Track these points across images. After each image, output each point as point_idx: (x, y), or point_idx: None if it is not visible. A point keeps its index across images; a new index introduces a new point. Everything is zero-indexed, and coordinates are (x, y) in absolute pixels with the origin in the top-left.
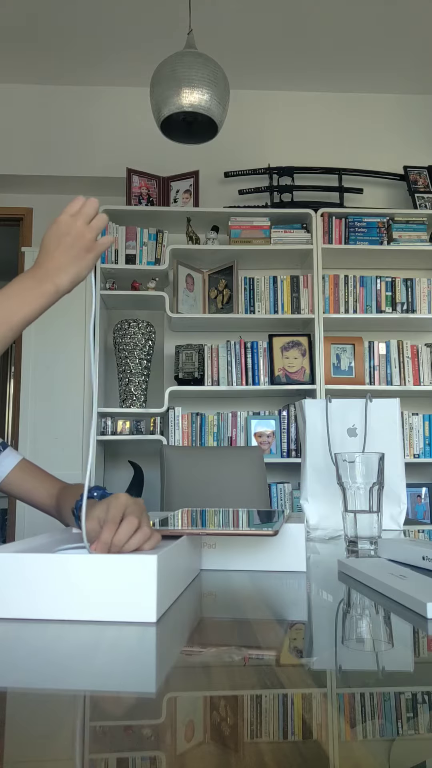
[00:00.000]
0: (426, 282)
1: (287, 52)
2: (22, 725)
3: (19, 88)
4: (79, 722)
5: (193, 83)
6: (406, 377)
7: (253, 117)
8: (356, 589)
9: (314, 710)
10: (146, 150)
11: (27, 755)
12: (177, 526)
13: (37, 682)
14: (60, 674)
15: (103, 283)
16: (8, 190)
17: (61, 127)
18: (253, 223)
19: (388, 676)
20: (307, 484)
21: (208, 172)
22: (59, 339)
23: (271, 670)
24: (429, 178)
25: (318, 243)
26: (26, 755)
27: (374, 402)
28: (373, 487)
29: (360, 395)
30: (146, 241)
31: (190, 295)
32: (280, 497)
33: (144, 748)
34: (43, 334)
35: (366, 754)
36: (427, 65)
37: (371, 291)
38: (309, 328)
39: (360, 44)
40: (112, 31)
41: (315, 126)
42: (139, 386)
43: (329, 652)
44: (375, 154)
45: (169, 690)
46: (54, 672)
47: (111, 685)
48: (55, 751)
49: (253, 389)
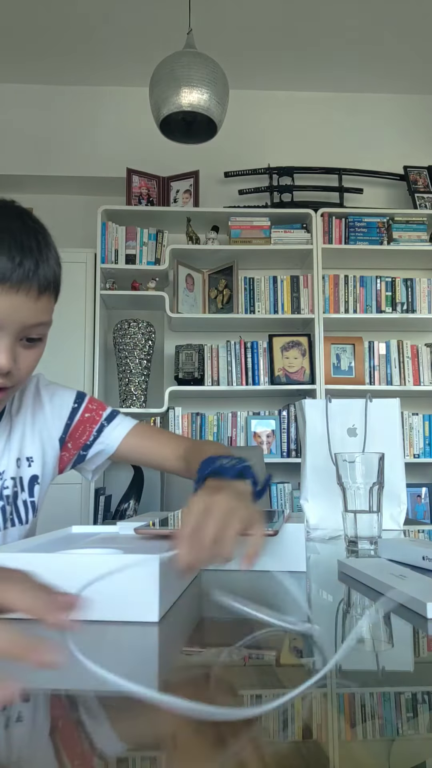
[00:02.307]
0: (426, 282)
1: (287, 52)
2: (21, 725)
3: (19, 88)
4: (79, 722)
5: (192, 83)
6: (406, 377)
7: (253, 117)
8: (356, 589)
9: (314, 710)
10: (146, 150)
11: (28, 754)
12: (177, 526)
13: (37, 682)
14: (61, 673)
15: (103, 283)
16: (8, 190)
17: (61, 127)
18: (253, 223)
19: (388, 676)
20: (307, 484)
21: (208, 172)
22: (59, 339)
23: (271, 670)
24: (429, 178)
25: (318, 243)
26: (27, 754)
27: (374, 402)
28: (373, 487)
29: (360, 395)
30: (146, 241)
31: (190, 295)
32: (280, 497)
33: (144, 748)
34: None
35: (366, 754)
36: (427, 65)
37: (371, 291)
38: (309, 328)
39: (360, 44)
40: (112, 31)
41: (315, 126)
42: (139, 386)
43: (329, 652)
44: (375, 154)
45: (171, 689)
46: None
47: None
48: (56, 750)
49: (253, 389)
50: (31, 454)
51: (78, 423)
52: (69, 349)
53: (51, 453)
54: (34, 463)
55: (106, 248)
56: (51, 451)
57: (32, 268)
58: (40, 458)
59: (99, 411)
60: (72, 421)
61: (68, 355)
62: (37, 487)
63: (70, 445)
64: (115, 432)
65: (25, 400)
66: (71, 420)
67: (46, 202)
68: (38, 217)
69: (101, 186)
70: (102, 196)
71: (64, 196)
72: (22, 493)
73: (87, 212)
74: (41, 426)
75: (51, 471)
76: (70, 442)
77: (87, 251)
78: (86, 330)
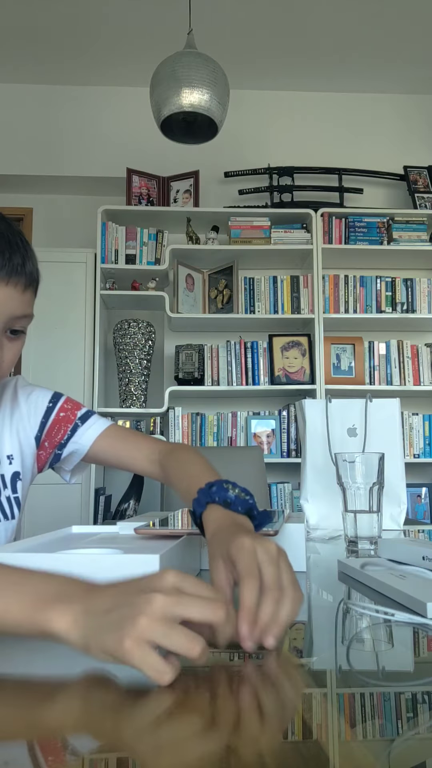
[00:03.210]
0: (426, 282)
1: (287, 52)
2: (22, 724)
3: (19, 88)
4: (80, 721)
5: (193, 83)
6: (406, 377)
7: (253, 117)
8: (356, 589)
9: (314, 710)
10: (146, 150)
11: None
12: (177, 526)
13: (37, 681)
14: (61, 673)
15: (103, 283)
16: (8, 190)
17: (61, 127)
18: (253, 223)
19: (388, 676)
20: (307, 484)
21: (208, 172)
22: (59, 339)
23: (271, 670)
24: (429, 178)
25: (318, 243)
26: (28, 751)
27: (374, 402)
28: (373, 487)
29: (360, 395)
30: (146, 241)
31: (190, 295)
32: (280, 497)
33: (145, 747)
34: (43, 335)
35: (366, 754)
36: (427, 65)
37: (371, 291)
38: (309, 328)
39: (360, 44)
40: (112, 31)
41: (315, 126)
42: (139, 386)
43: (329, 652)
44: (375, 154)
45: (170, 689)
46: (55, 671)
47: (113, 683)
48: (56, 748)
49: (253, 389)
50: (10, 452)
51: (53, 422)
52: (69, 349)
53: (28, 451)
54: (15, 461)
55: (106, 248)
56: (28, 450)
57: (20, 262)
58: (19, 456)
59: (74, 411)
60: (48, 420)
61: (68, 355)
62: (19, 483)
63: (47, 444)
64: (89, 432)
65: (4, 400)
66: (46, 419)
67: (46, 202)
68: (38, 217)
69: (101, 186)
70: (102, 196)
71: (64, 196)
72: (5, 490)
73: (87, 212)
74: (18, 425)
75: (30, 469)
76: (46, 441)
77: (87, 251)
78: (86, 330)
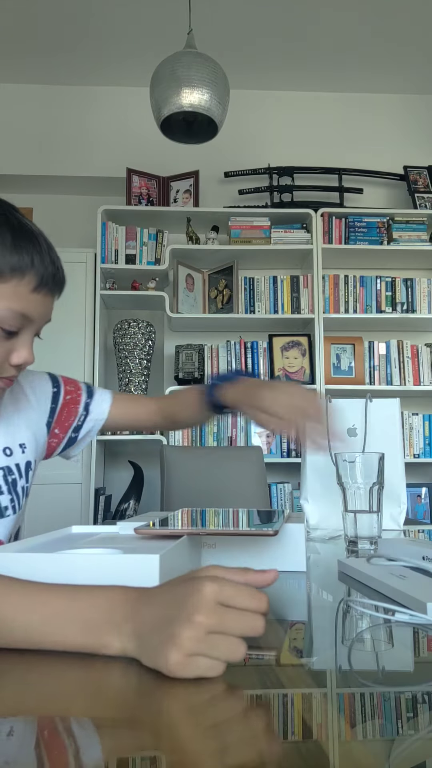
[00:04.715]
0: (426, 282)
1: (287, 52)
2: (23, 722)
3: (19, 88)
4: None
5: (193, 83)
6: (406, 377)
7: (253, 117)
8: (356, 589)
9: (314, 710)
10: (146, 150)
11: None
12: (177, 526)
13: (38, 680)
14: (61, 672)
15: (103, 283)
16: (8, 190)
17: (61, 127)
18: (253, 223)
19: (388, 676)
20: (307, 484)
21: (208, 172)
22: (59, 339)
23: (271, 670)
24: (429, 178)
25: (318, 243)
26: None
27: (374, 402)
28: (373, 487)
29: (360, 395)
30: (146, 241)
31: (190, 295)
32: (280, 497)
33: (145, 747)
34: (43, 335)
35: (366, 754)
36: (427, 65)
37: (371, 291)
38: (309, 328)
39: (360, 44)
40: (111, 31)
41: (315, 126)
42: (139, 386)
43: (329, 652)
44: (375, 154)
45: (170, 689)
46: (55, 670)
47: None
48: (56, 747)
49: None
50: (23, 440)
51: (63, 406)
52: (69, 349)
53: (41, 439)
54: (27, 449)
55: (106, 248)
56: (41, 437)
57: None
58: (33, 444)
59: (78, 391)
60: (57, 405)
61: (68, 355)
62: (30, 473)
63: (57, 430)
64: (102, 406)
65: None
66: (56, 404)
67: (46, 202)
68: (38, 217)
69: (101, 186)
70: (102, 196)
71: (64, 196)
72: (20, 480)
73: (87, 212)
74: (28, 413)
75: (41, 457)
76: (57, 428)
77: (87, 251)
78: (86, 330)
